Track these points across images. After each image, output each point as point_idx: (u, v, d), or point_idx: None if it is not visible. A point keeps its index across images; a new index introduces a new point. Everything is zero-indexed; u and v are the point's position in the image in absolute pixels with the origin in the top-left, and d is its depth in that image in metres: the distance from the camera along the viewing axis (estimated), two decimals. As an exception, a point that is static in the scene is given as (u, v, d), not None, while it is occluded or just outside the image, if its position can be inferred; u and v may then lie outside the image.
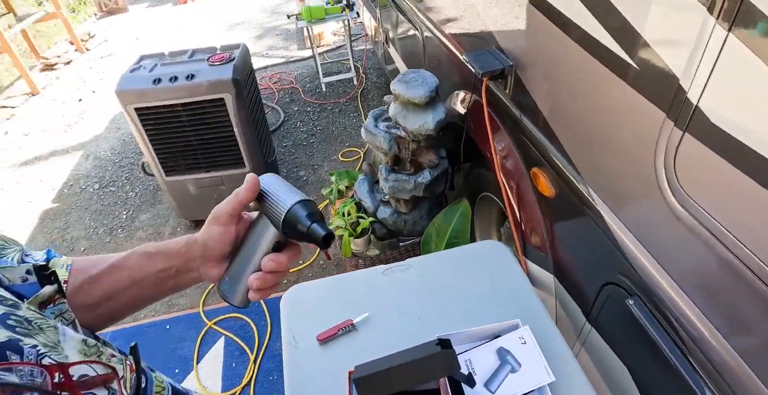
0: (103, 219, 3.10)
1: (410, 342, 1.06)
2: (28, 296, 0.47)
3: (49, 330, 0.44)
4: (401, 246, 2.27)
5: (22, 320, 0.42)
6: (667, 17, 0.81)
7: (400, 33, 2.83)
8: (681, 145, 0.81)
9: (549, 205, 1.35)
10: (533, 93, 1.32)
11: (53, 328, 0.44)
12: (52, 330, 0.44)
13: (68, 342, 0.45)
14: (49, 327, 0.44)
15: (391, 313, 1.17)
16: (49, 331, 0.43)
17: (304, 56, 5.03)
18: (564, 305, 1.37)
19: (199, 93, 2.26)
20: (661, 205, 0.88)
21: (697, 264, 0.86)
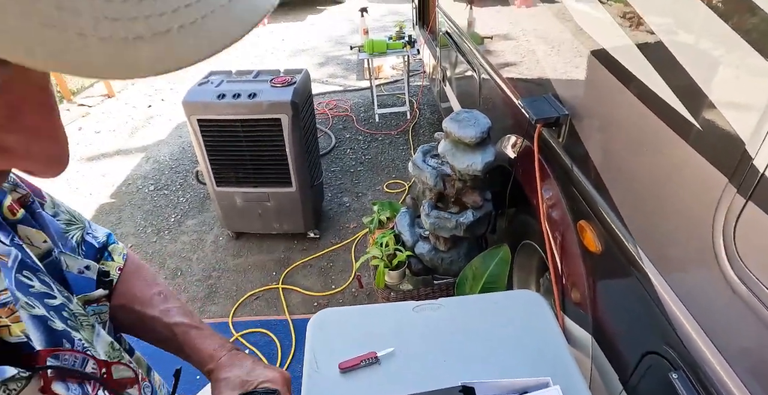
0: (153, 220, 3.24)
1: (433, 384, 1.03)
2: (75, 287, 0.50)
3: (88, 327, 0.46)
4: (435, 284, 2.23)
5: (72, 314, 0.45)
6: (736, 79, 0.79)
7: (458, 73, 2.89)
8: (743, 213, 0.77)
9: (594, 261, 1.30)
10: (587, 144, 1.30)
11: (91, 327, 0.47)
12: (89, 329, 0.47)
13: (99, 342, 0.47)
14: (88, 325, 0.46)
15: (416, 351, 1.15)
16: (87, 329, 0.46)
17: (361, 87, 5.19)
18: (600, 368, 1.30)
19: (259, 111, 2.37)
20: (716, 275, 0.83)
21: (752, 344, 0.80)
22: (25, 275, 0.42)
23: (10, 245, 0.42)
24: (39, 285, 0.42)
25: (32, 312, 0.40)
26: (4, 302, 0.37)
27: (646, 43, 1.00)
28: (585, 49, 1.26)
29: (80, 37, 0.14)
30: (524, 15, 1.75)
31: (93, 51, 0.14)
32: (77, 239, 0.56)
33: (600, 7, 1.18)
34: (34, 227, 0.48)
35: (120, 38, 0.15)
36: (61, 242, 0.53)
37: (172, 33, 0.16)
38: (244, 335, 2.34)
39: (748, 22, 0.76)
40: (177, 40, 0.16)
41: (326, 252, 2.85)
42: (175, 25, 0.16)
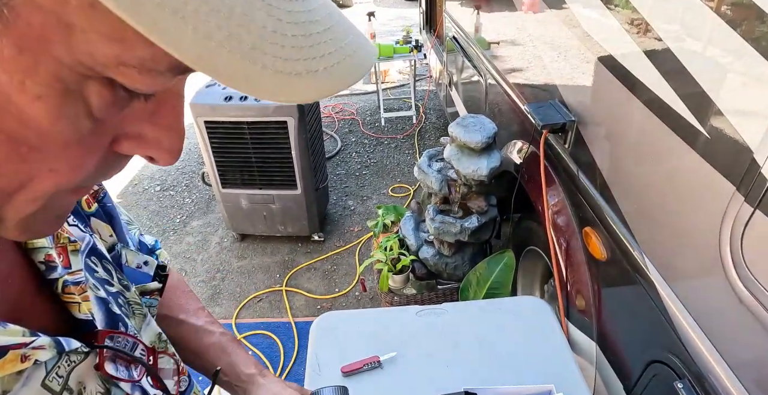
0: (159, 220, 3.25)
1: (435, 390, 1.02)
2: (132, 280, 0.53)
3: (139, 316, 0.50)
4: (439, 289, 2.23)
5: (126, 302, 0.48)
6: (744, 87, 0.78)
7: (464, 77, 2.89)
8: (750, 222, 0.77)
9: (599, 268, 1.30)
10: (593, 151, 1.30)
11: (142, 316, 0.50)
12: (140, 317, 0.50)
13: (147, 331, 0.51)
14: (139, 314, 0.50)
15: (419, 356, 1.14)
16: (138, 317, 0.50)
17: (367, 90, 5.20)
18: (604, 376, 1.29)
19: (265, 114, 2.38)
20: (722, 283, 0.82)
21: (758, 354, 0.79)
22: (92, 260, 0.46)
23: (84, 232, 0.47)
24: (102, 272, 0.47)
25: (98, 294, 0.43)
26: (77, 281, 0.41)
27: (653, 50, 1.00)
28: (592, 56, 1.26)
29: (263, 69, 0.20)
30: (531, 20, 1.75)
31: (267, 80, 0.20)
32: (137, 237, 0.61)
33: (607, 13, 1.18)
34: (103, 221, 0.52)
35: (286, 73, 0.21)
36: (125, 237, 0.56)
37: (319, 73, 0.22)
38: (247, 337, 2.34)
39: (757, 29, 0.76)
40: (321, 78, 0.22)
41: (330, 255, 2.85)
42: (321, 67, 0.22)
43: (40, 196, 0.27)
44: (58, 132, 0.24)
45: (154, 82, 0.23)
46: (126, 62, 0.21)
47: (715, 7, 0.84)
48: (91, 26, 0.20)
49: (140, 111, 0.27)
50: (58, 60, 0.21)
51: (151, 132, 0.28)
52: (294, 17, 0.22)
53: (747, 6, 0.78)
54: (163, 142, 0.28)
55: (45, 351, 0.34)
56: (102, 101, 0.24)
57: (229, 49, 0.19)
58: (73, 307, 0.40)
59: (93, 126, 0.25)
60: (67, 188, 0.28)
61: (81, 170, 0.27)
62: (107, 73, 0.22)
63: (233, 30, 0.19)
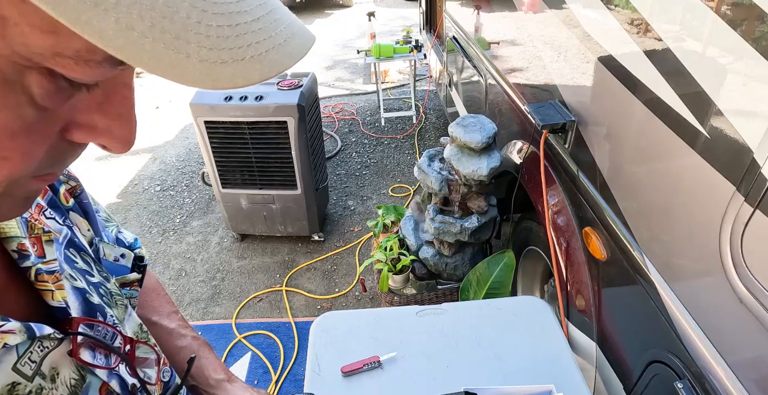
0: (159, 220, 3.25)
1: (435, 390, 1.02)
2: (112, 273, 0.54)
3: (121, 307, 0.51)
4: (439, 289, 2.23)
5: (107, 292, 0.49)
6: (744, 87, 0.78)
7: (464, 77, 2.89)
8: (750, 222, 0.77)
9: (599, 268, 1.30)
10: (594, 151, 1.30)
11: (124, 307, 0.51)
12: (122, 308, 0.51)
13: (130, 321, 0.52)
14: (121, 304, 0.51)
15: (419, 356, 1.14)
16: (120, 308, 0.51)
17: (367, 90, 5.20)
18: (604, 377, 1.29)
19: (265, 114, 2.38)
20: (722, 283, 0.82)
21: (758, 354, 0.79)
22: (71, 252, 0.47)
23: (63, 225, 0.48)
24: (81, 263, 0.48)
25: (74, 284, 0.44)
26: (51, 270, 0.42)
27: (653, 50, 1.00)
28: (592, 55, 1.26)
29: (187, 58, 0.21)
30: (531, 20, 1.75)
31: (192, 68, 0.21)
32: (114, 234, 0.62)
33: (607, 13, 1.18)
34: (80, 216, 0.53)
35: (212, 61, 0.22)
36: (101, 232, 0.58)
37: (245, 61, 0.23)
38: (247, 337, 2.34)
39: (757, 29, 0.76)
40: (248, 65, 0.23)
41: (330, 255, 2.85)
42: (248, 55, 0.23)
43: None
44: (2, 121, 0.24)
45: (93, 73, 0.24)
46: (62, 53, 0.22)
47: (715, 7, 0.84)
48: (24, 19, 0.20)
49: (88, 100, 0.27)
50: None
51: (102, 121, 0.29)
52: (219, 8, 0.22)
53: (747, 6, 0.78)
54: (113, 131, 0.29)
55: (15, 336, 0.35)
56: (43, 91, 0.24)
57: (153, 38, 0.20)
58: (47, 294, 0.41)
59: (39, 115, 0.25)
60: (23, 175, 0.28)
61: (31, 158, 0.27)
62: (45, 64, 0.23)
63: (156, 21, 0.20)
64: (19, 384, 0.36)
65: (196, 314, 2.50)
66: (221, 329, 2.40)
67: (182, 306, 2.56)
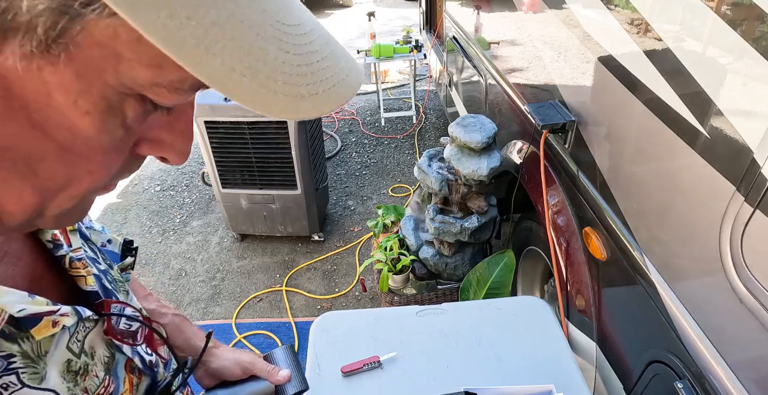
0: (159, 220, 3.25)
1: (435, 390, 1.03)
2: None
3: (123, 293, 0.53)
4: (439, 289, 2.23)
5: (113, 279, 0.53)
6: (744, 87, 0.78)
7: (464, 77, 2.89)
8: (750, 222, 0.77)
9: (599, 268, 1.30)
10: (594, 151, 1.30)
11: (125, 292, 0.54)
12: (124, 294, 0.54)
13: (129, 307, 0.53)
14: (123, 290, 0.54)
15: (419, 356, 1.14)
16: (122, 294, 0.53)
17: (367, 90, 5.20)
18: (604, 377, 1.29)
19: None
20: (722, 283, 0.82)
21: (758, 354, 0.79)
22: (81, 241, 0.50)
23: None
24: (90, 252, 0.51)
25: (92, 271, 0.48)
26: (80, 257, 0.46)
27: (653, 50, 1.00)
28: (592, 56, 1.26)
29: (275, 94, 0.25)
30: (531, 20, 1.75)
31: (278, 102, 0.25)
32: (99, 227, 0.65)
33: (608, 13, 1.18)
34: None
35: (293, 96, 0.25)
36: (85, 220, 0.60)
37: (319, 95, 0.27)
38: (247, 337, 2.34)
39: (757, 29, 0.76)
40: (321, 99, 0.27)
41: (330, 255, 2.85)
42: (321, 90, 0.27)
43: (77, 194, 0.32)
44: (100, 141, 0.29)
45: (179, 98, 0.28)
46: (159, 83, 0.26)
47: (715, 7, 0.84)
48: (136, 56, 0.25)
49: (160, 119, 0.32)
50: (106, 83, 0.26)
51: (168, 137, 0.33)
52: (298, 49, 0.26)
53: (747, 6, 0.78)
54: (176, 145, 0.34)
55: (69, 318, 0.40)
56: (135, 114, 0.29)
57: (249, 78, 0.24)
58: (80, 280, 0.45)
59: (125, 134, 0.30)
60: (99, 187, 0.33)
61: (111, 172, 0.32)
62: (142, 92, 0.27)
63: (252, 63, 0.24)
64: (72, 360, 0.41)
65: (196, 314, 2.50)
66: (221, 329, 2.40)
67: (182, 305, 2.56)
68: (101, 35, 0.24)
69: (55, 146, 0.28)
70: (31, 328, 0.37)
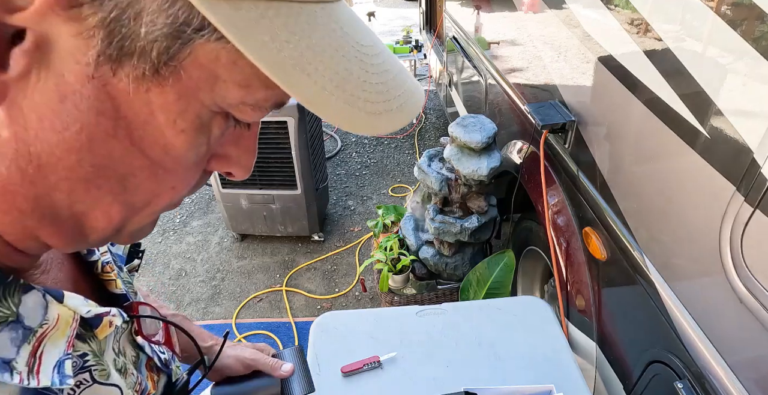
0: (158, 220, 3.25)
1: (435, 390, 1.03)
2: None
3: (133, 293, 0.54)
4: (439, 289, 2.23)
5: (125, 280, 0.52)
6: (744, 87, 0.78)
7: (464, 77, 2.89)
8: (750, 222, 0.77)
9: (599, 268, 1.30)
10: (594, 151, 1.30)
11: (134, 293, 0.54)
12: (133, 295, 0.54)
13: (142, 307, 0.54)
14: (133, 291, 0.54)
15: (419, 356, 1.14)
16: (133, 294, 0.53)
17: (368, 90, 5.20)
18: (604, 377, 1.29)
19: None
20: (722, 283, 0.82)
21: (758, 354, 0.79)
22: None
23: None
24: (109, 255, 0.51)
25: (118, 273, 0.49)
26: (107, 261, 0.47)
27: (653, 50, 1.00)
28: (592, 56, 1.26)
29: (358, 111, 0.27)
30: (531, 21, 1.75)
31: (360, 118, 0.27)
32: None
33: (608, 13, 1.18)
34: None
35: (372, 112, 0.27)
36: None
37: (393, 111, 0.29)
38: (247, 337, 2.34)
39: (757, 29, 0.76)
40: (395, 115, 0.29)
41: (330, 255, 2.85)
42: (395, 106, 0.29)
43: (158, 210, 0.33)
44: (189, 157, 0.30)
45: (259, 115, 0.30)
46: (246, 102, 0.28)
47: (714, 7, 0.84)
48: (231, 77, 0.26)
49: (232, 136, 0.33)
50: (203, 103, 0.27)
51: (235, 153, 0.34)
52: (375, 68, 0.29)
53: (747, 6, 0.78)
54: (242, 161, 0.35)
55: (118, 318, 0.41)
56: (220, 132, 0.30)
57: (337, 96, 0.26)
58: (110, 284, 0.46)
59: (207, 150, 0.31)
60: (175, 203, 0.34)
61: (189, 187, 0.33)
62: (229, 110, 0.28)
63: (339, 82, 0.26)
64: (116, 359, 0.42)
65: (196, 314, 2.50)
66: (221, 329, 2.40)
67: (182, 305, 2.56)
68: (205, 58, 0.25)
69: (148, 162, 0.29)
70: (96, 328, 0.39)
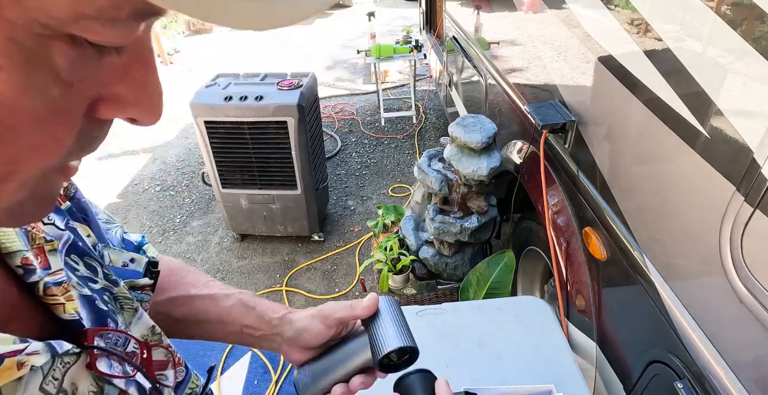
0: (159, 220, 3.25)
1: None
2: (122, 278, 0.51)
3: (129, 311, 0.48)
4: (439, 289, 2.23)
5: (112, 298, 0.47)
6: (744, 87, 0.78)
7: (464, 77, 2.89)
8: (750, 222, 0.77)
9: (599, 268, 1.30)
10: (594, 151, 1.30)
11: (133, 310, 0.49)
12: (130, 312, 0.48)
13: (139, 325, 0.49)
14: (129, 308, 0.48)
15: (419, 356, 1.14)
16: (128, 312, 0.48)
17: (367, 90, 5.20)
18: (604, 377, 1.29)
19: (265, 114, 2.38)
20: (722, 283, 0.82)
21: (758, 354, 0.79)
22: (72, 258, 0.44)
23: (64, 229, 0.45)
24: (83, 270, 0.45)
25: (82, 292, 0.42)
26: (59, 281, 0.40)
27: (653, 50, 1.00)
28: (592, 56, 1.26)
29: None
30: (531, 21, 1.75)
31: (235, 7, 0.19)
32: (120, 236, 0.58)
33: (608, 13, 1.18)
34: (78, 221, 0.49)
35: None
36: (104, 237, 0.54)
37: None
38: (246, 337, 2.34)
39: (757, 29, 0.76)
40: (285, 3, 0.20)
41: (330, 255, 2.85)
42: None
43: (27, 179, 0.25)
44: (29, 104, 0.22)
45: (119, 34, 0.22)
46: (84, 13, 0.20)
47: (714, 7, 0.84)
48: None
49: (112, 70, 0.25)
50: (11, 22, 0.19)
51: (127, 91, 0.26)
52: None
53: (747, 6, 0.78)
54: (141, 101, 0.27)
55: (40, 356, 0.34)
56: (69, 62, 0.22)
57: None
58: (58, 308, 0.39)
59: (66, 93, 0.23)
60: (53, 166, 0.26)
61: (63, 144, 0.25)
62: (68, 30, 0.21)
63: None
64: None
65: (196, 314, 2.50)
66: (221, 329, 2.39)
67: (182, 306, 2.56)
68: None
69: None
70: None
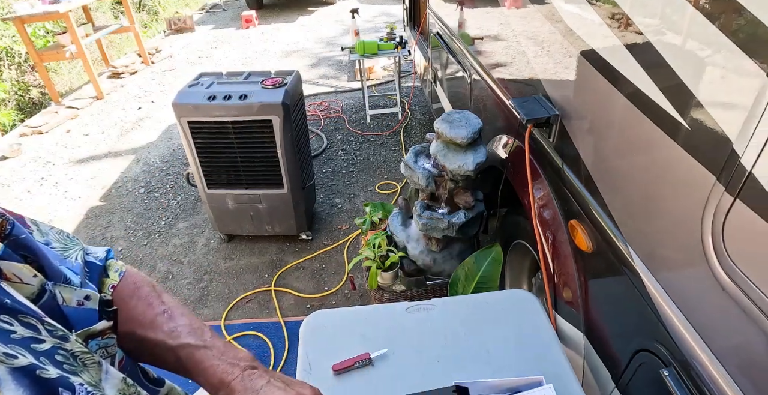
0: (144, 222, 3.21)
1: (426, 385, 1.03)
2: (76, 322, 0.46)
3: (93, 367, 0.43)
4: (428, 285, 2.23)
5: (69, 355, 0.42)
6: (723, 79, 0.80)
7: (449, 73, 2.90)
8: (731, 212, 0.78)
9: (585, 260, 1.31)
10: (578, 144, 1.31)
11: (97, 365, 0.44)
12: (95, 368, 0.43)
13: (110, 380, 0.44)
14: (93, 364, 0.43)
15: (409, 352, 1.15)
16: (92, 368, 0.43)
17: (352, 88, 5.19)
18: (592, 367, 1.31)
19: (250, 113, 2.36)
20: (705, 272, 0.84)
21: (741, 341, 0.81)
22: (3, 320, 0.38)
23: None
24: (22, 330, 0.39)
25: (15, 364, 0.36)
26: None
27: (634, 44, 1.01)
28: (575, 50, 1.27)
29: None
30: (514, 16, 1.76)
31: None
32: (81, 260, 0.53)
33: (589, 8, 1.19)
34: (17, 261, 0.44)
35: None
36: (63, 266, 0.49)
37: None
38: (236, 338, 2.33)
39: (735, 23, 0.77)
40: None
41: (318, 254, 2.84)
42: None
43: None
44: None
45: None
46: None
47: (693, 1, 0.85)
48: None
49: None
50: None
51: None
52: None
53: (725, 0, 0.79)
54: None
55: None
56: None
57: None
58: None
59: None
60: None
61: None
62: None
63: None
64: None
65: (184, 316, 2.47)
66: (210, 330, 2.37)
67: (170, 308, 2.53)
68: None
69: None
70: None
